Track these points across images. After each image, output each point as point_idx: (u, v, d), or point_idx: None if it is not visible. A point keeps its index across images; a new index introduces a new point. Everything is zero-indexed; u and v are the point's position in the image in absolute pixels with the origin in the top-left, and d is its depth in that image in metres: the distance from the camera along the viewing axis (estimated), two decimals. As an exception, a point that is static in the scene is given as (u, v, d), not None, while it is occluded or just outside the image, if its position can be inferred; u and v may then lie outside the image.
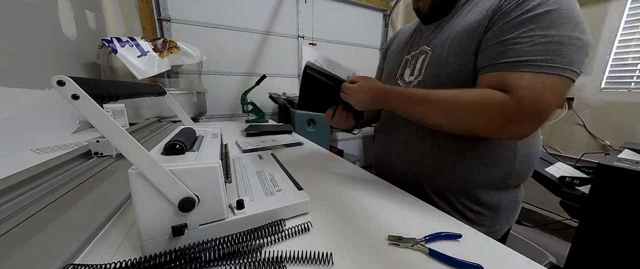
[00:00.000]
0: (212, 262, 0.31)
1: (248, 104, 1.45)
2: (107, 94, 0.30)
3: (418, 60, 0.58)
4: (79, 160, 0.62)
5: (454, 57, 0.50)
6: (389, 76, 0.68)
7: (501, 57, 0.42)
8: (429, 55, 0.56)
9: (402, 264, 0.32)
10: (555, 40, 0.39)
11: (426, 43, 0.58)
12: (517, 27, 0.41)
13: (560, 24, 0.39)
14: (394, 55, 0.69)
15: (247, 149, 0.83)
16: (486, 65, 0.44)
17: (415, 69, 0.58)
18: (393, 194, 0.53)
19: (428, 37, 0.58)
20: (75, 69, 1.11)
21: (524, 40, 0.40)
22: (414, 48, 0.62)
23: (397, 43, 0.72)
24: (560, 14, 0.39)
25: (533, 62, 0.39)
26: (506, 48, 0.42)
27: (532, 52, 0.39)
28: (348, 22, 2.43)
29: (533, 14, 0.40)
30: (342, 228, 0.40)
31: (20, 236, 0.33)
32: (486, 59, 0.45)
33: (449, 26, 0.53)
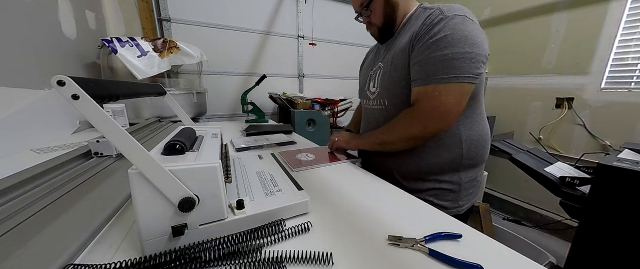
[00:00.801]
0: (212, 262, 0.31)
1: (248, 104, 1.45)
2: (107, 94, 0.30)
3: (377, 75, 0.73)
4: (79, 160, 0.62)
5: (396, 71, 0.64)
6: (361, 89, 0.85)
7: (419, 75, 0.59)
8: (381, 71, 0.71)
9: (402, 264, 0.32)
10: (449, 56, 0.54)
11: (381, 60, 0.73)
12: (426, 50, 0.57)
13: (453, 44, 0.54)
14: (364, 71, 0.86)
15: (240, 147, 0.83)
16: (413, 79, 0.61)
17: (375, 82, 0.73)
18: (393, 193, 0.53)
19: (382, 55, 0.74)
20: (75, 69, 1.11)
21: (430, 60, 0.56)
22: (375, 64, 0.76)
23: (367, 61, 0.89)
24: (453, 37, 0.54)
25: (434, 76, 0.56)
26: (421, 67, 0.58)
27: (435, 68, 0.56)
28: (348, 22, 2.42)
29: (434, 39, 0.55)
30: (342, 228, 0.40)
31: (20, 236, 0.33)
32: (413, 75, 0.61)
33: (393, 46, 0.68)
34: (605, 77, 1.53)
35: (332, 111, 1.94)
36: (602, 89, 1.55)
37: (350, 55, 2.50)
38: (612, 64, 1.51)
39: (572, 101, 1.67)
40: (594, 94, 1.58)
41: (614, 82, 1.52)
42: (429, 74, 0.56)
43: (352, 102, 2.05)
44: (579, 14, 1.60)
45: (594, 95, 1.58)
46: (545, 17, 1.73)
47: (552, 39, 1.71)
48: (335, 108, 1.95)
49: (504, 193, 1.97)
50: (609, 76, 1.53)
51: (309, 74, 2.37)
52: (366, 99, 0.80)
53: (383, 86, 0.70)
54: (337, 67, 2.49)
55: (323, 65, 2.42)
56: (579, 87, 1.63)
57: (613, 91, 1.52)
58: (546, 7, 1.71)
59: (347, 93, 2.20)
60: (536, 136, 1.82)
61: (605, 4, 1.49)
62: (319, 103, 1.88)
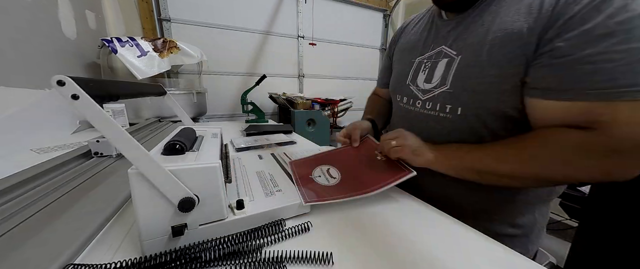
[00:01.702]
0: (212, 262, 0.31)
1: (248, 104, 1.45)
2: (107, 94, 0.30)
3: (438, 65, 0.49)
4: (79, 160, 0.62)
5: (495, 68, 0.40)
6: (399, 79, 0.58)
7: (589, 80, 0.32)
8: (456, 62, 0.46)
9: (403, 264, 0.32)
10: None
11: (446, 43, 0.48)
12: (605, 37, 0.31)
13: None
14: (404, 55, 0.59)
15: (240, 147, 0.83)
16: (563, 88, 0.34)
17: (433, 76, 0.49)
18: (393, 193, 0.53)
19: (448, 36, 0.48)
20: (75, 69, 1.11)
21: (618, 56, 0.30)
22: (429, 48, 0.52)
23: (405, 40, 0.62)
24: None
25: (635, 87, 0.30)
26: (596, 66, 0.32)
27: (631, 74, 0.30)
28: (348, 22, 2.43)
29: (622, 18, 0.30)
30: (342, 228, 0.40)
31: (20, 236, 0.33)
32: (562, 79, 0.34)
33: (480, 26, 0.43)
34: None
35: (332, 111, 1.94)
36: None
37: (350, 56, 2.51)
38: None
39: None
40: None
41: (614, 82, 1.52)
42: (618, 81, 0.31)
43: (352, 102, 2.05)
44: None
45: (594, 95, 1.58)
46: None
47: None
48: (335, 108, 1.96)
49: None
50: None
51: (309, 74, 2.37)
52: (408, 98, 0.55)
53: (461, 87, 0.45)
54: (337, 67, 2.49)
55: (323, 65, 2.42)
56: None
57: (613, 91, 1.51)
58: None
59: (347, 93, 2.20)
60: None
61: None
62: (319, 103, 1.88)
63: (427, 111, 0.51)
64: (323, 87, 2.45)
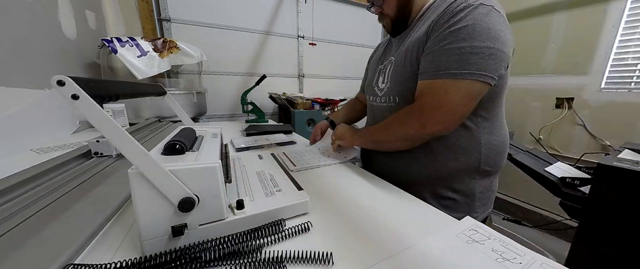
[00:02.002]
0: (212, 262, 0.31)
1: (248, 104, 1.45)
2: (107, 94, 0.30)
3: (387, 69, 0.67)
4: (79, 160, 0.62)
5: (409, 65, 0.58)
6: (368, 83, 0.78)
7: (427, 67, 0.52)
8: (392, 65, 0.65)
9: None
10: (466, 50, 0.47)
11: (393, 54, 0.67)
12: (441, 40, 0.50)
13: (473, 36, 0.47)
14: (373, 66, 0.79)
15: (240, 147, 0.83)
16: (421, 72, 0.54)
17: (385, 77, 0.67)
18: (393, 193, 0.53)
19: (394, 49, 0.68)
20: (75, 69, 1.11)
21: (444, 51, 0.49)
22: (385, 59, 0.71)
23: (376, 55, 0.82)
24: (474, 28, 0.47)
25: (445, 70, 0.49)
26: (432, 59, 0.51)
27: (447, 61, 0.49)
28: (348, 22, 2.43)
29: (453, 29, 0.48)
30: (342, 228, 0.40)
31: (20, 236, 0.33)
32: (422, 67, 0.54)
33: (408, 39, 0.62)
34: (605, 77, 1.54)
35: (332, 111, 1.94)
36: (602, 89, 1.55)
37: (350, 55, 2.50)
38: (612, 64, 1.51)
39: (572, 101, 1.67)
40: (594, 94, 1.58)
41: (614, 82, 1.52)
42: (439, 67, 0.50)
43: (352, 102, 2.04)
44: (579, 14, 1.60)
45: (594, 95, 1.58)
46: (545, 17, 1.73)
47: (552, 39, 1.71)
48: (336, 108, 1.95)
49: (503, 193, 1.97)
50: (609, 76, 1.53)
51: (309, 74, 2.36)
52: (373, 96, 0.73)
53: (394, 82, 0.63)
54: (337, 67, 2.49)
55: (323, 65, 2.41)
56: (579, 87, 1.63)
57: (613, 91, 1.52)
58: (546, 7, 1.71)
59: (347, 93, 2.20)
60: (536, 136, 1.82)
61: (605, 4, 1.49)
62: (319, 103, 1.88)
63: (382, 103, 0.69)
64: (323, 87, 2.45)
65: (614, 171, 0.73)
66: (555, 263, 0.31)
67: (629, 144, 1.01)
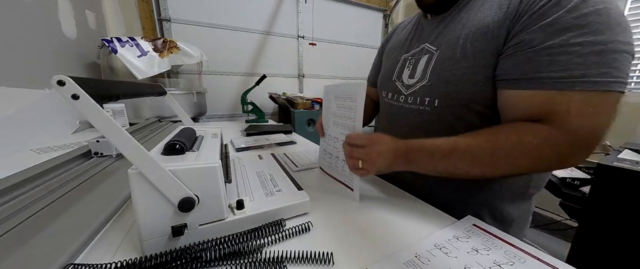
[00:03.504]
0: (213, 262, 0.31)
1: (248, 104, 1.45)
2: (107, 94, 0.30)
3: (420, 61, 0.51)
4: (79, 160, 0.62)
5: (468, 60, 0.42)
6: (385, 76, 0.61)
7: (547, 70, 0.34)
8: (434, 57, 0.48)
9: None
10: (610, 48, 0.32)
11: (429, 41, 0.51)
12: (563, 31, 0.33)
13: (611, 27, 0.32)
14: (392, 53, 0.62)
15: (240, 147, 0.83)
16: (524, 77, 0.36)
17: (416, 71, 0.52)
18: (393, 193, 0.53)
19: (431, 34, 0.51)
20: (75, 69, 1.11)
21: (574, 48, 0.33)
22: (414, 46, 0.55)
23: (395, 40, 0.65)
24: (610, 14, 0.32)
25: (587, 77, 0.32)
26: (553, 58, 0.34)
27: (585, 65, 0.32)
28: (348, 22, 2.43)
29: (580, 13, 0.32)
30: (342, 228, 0.40)
31: (20, 236, 0.33)
32: (524, 69, 0.36)
33: (458, 23, 0.46)
34: (605, 77, 1.53)
35: (332, 111, 1.94)
36: (602, 89, 1.55)
37: (350, 56, 2.50)
38: (612, 64, 1.51)
39: (572, 101, 1.67)
40: (594, 94, 1.58)
41: (614, 82, 1.52)
42: (573, 72, 0.33)
43: (352, 102, 2.04)
44: (579, 14, 1.60)
45: (594, 95, 1.58)
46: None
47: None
48: (335, 108, 1.95)
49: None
50: (609, 76, 1.53)
51: (309, 74, 2.37)
52: (393, 93, 0.57)
53: (438, 79, 0.47)
54: (337, 67, 2.49)
55: (323, 65, 2.42)
56: (579, 87, 1.63)
57: (613, 91, 1.52)
58: (546, 7, 1.71)
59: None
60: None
61: (605, 4, 1.49)
62: (319, 103, 1.88)
63: (408, 105, 0.53)
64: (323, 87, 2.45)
65: (614, 171, 0.73)
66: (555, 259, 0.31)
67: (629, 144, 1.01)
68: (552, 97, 0.35)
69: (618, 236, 0.74)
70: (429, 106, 0.49)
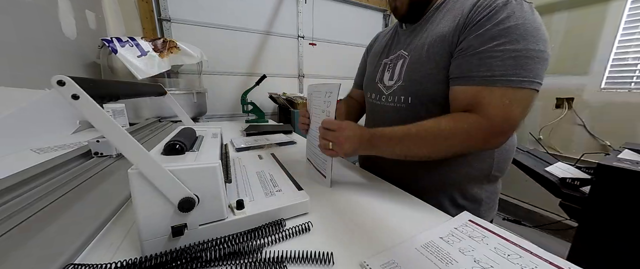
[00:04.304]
0: (213, 262, 0.31)
1: (248, 104, 1.45)
2: (107, 94, 0.30)
3: (397, 65, 0.60)
4: (79, 160, 0.62)
5: (431, 63, 0.52)
6: (370, 78, 0.70)
7: (477, 70, 0.45)
8: (407, 60, 0.57)
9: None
10: (523, 54, 0.42)
11: (404, 48, 0.60)
12: (490, 40, 0.43)
13: (526, 38, 0.42)
14: (374, 59, 0.70)
15: (240, 147, 0.83)
16: (462, 76, 0.47)
17: (394, 73, 0.60)
18: (393, 193, 0.53)
19: (405, 42, 0.60)
20: (75, 69, 1.11)
21: (496, 54, 0.43)
22: (393, 52, 0.63)
23: (377, 46, 0.73)
24: (526, 28, 0.42)
25: (504, 77, 0.43)
26: (482, 61, 0.44)
27: (503, 67, 0.42)
28: (348, 22, 2.43)
29: (504, 27, 0.42)
30: (342, 228, 0.40)
31: (20, 236, 0.33)
32: (462, 69, 0.47)
33: (424, 32, 0.55)
34: (605, 77, 1.53)
35: (332, 111, 1.94)
36: (602, 89, 1.55)
37: (350, 55, 2.50)
38: (612, 64, 1.51)
39: (572, 101, 1.67)
40: (594, 94, 1.58)
41: (614, 82, 1.52)
42: (494, 72, 0.43)
43: (352, 102, 2.04)
44: (579, 14, 1.60)
45: (594, 95, 1.58)
46: (545, 17, 1.73)
47: (552, 39, 1.71)
48: (335, 108, 1.95)
49: (504, 193, 1.97)
50: (609, 76, 1.53)
51: (309, 74, 2.37)
52: (376, 93, 0.65)
53: (408, 80, 0.56)
54: (337, 67, 2.49)
55: (323, 65, 2.42)
56: (579, 87, 1.63)
57: (613, 91, 1.51)
58: (546, 7, 1.71)
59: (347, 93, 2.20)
60: (536, 136, 1.82)
61: (605, 4, 1.49)
62: (319, 103, 1.88)
63: (388, 103, 0.62)
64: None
65: (614, 171, 0.73)
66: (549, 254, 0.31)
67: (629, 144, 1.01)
68: (480, 92, 0.45)
69: (618, 236, 0.74)
70: (405, 103, 0.58)
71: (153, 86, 0.54)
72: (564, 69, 1.67)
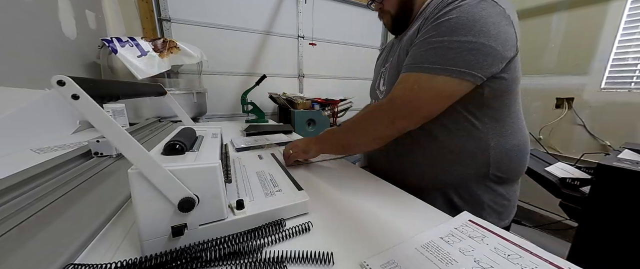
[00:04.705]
0: (213, 262, 0.31)
1: (248, 104, 1.45)
2: (107, 94, 0.30)
3: (387, 71, 0.65)
4: (79, 160, 0.62)
5: (401, 65, 0.54)
6: (372, 86, 0.76)
7: (407, 60, 0.50)
8: (389, 67, 0.63)
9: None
10: (445, 45, 0.44)
11: (392, 56, 0.64)
12: (425, 34, 0.48)
13: (454, 30, 0.44)
14: (378, 69, 0.76)
15: (240, 147, 0.83)
16: (404, 65, 0.52)
17: (385, 80, 0.65)
18: (393, 193, 0.53)
19: (394, 50, 0.65)
20: (75, 69, 1.11)
21: (423, 44, 0.47)
22: (387, 61, 0.68)
23: (381, 56, 0.79)
24: (458, 21, 0.44)
25: (420, 64, 0.47)
26: (413, 52, 0.49)
27: (424, 56, 0.46)
28: (348, 22, 2.43)
29: (438, 22, 0.46)
30: (342, 228, 0.40)
31: (20, 236, 0.33)
32: (402, 62, 0.52)
33: (402, 40, 0.59)
34: (605, 77, 1.53)
35: (332, 111, 1.94)
36: (602, 89, 1.55)
37: (350, 55, 2.50)
38: (612, 64, 1.51)
39: (572, 101, 1.67)
40: (594, 94, 1.58)
41: (614, 82, 1.52)
42: (415, 60, 0.47)
43: (352, 102, 2.05)
44: (579, 14, 1.60)
45: (594, 95, 1.58)
46: (545, 17, 1.73)
47: (552, 39, 1.71)
48: (335, 108, 1.95)
49: (504, 193, 1.97)
50: (609, 76, 1.53)
51: (309, 74, 2.37)
52: (375, 99, 0.71)
53: (389, 84, 0.60)
54: (337, 67, 2.49)
55: (323, 65, 2.42)
56: (579, 87, 1.63)
57: (613, 91, 1.51)
58: (546, 7, 1.71)
59: (347, 93, 2.20)
60: (536, 136, 1.82)
61: (605, 4, 1.49)
62: (319, 103, 1.88)
63: None
64: (323, 87, 2.45)
65: (614, 171, 0.73)
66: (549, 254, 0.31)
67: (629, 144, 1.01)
68: (402, 77, 0.50)
69: (618, 236, 0.74)
70: None
71: (153, 86, 0.54)
72: (564, 69, 1.67)
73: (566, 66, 1.67)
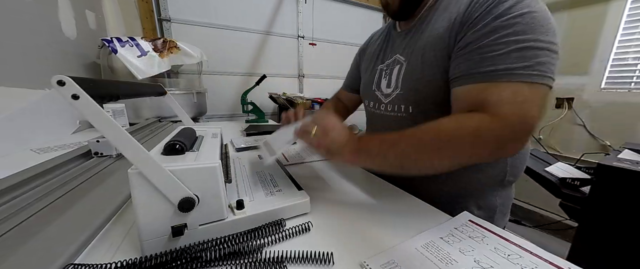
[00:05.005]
0: (213, 262, 0.31)
1: (248, 104, 1.45)
2: (107, 94, 0.30)
3: (394, 71, 0.56)
4: (79, 160, 0.62)
5: (430, 68, 0.47)
6: (367, 86, 0.65)
7: (478, 67, 0.39)
8: (404, 67, 0.53)
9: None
10: (531, 45, 0.36)
11: (399, 52, 0.56)
12: (491, 33, 0.38)
13: (536, 29, 0.36)
14: (370, 64, 0.66)
15: (240, 147, 0.83)
16: (462, 75, 0.41)
17: (391, 81, 0.56)
18: (393, 193, 0.53)
19: (400, 46, 0.56)
20: (75, 69, 1.11)
21: (499, 46, 0.37)
22: (388, 56, 0.59)
23: (370, 50, 0.69)
24: (534, 17, 0.36)
25: (511, 71, 0.36)
26: (482, 56, 0.38)
27: (509, 59, 0.36)
28: (348, 22, 2.43)
29: (505, 18, 0.37)
30: (342, 228, 0.40)
31: (20, 236, 0.33)
32: (462, 68, 0.41)
33: (421, 34, 0.51)
34: (605, 77, 1.54)
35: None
36: (602, 89, 1.55)
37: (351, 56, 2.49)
38: (612, 64, 1.51)
39: (572, 101, 1.67)
40: (594, 94, 1.58)
41: (614, 82, 1.52)
42: (497, 66, 0.37)
43: (352, 102, 2.05)
44: (579, 14, 1.60)
45: (594, 95, 1.58)
46: (545, 17, 1.73)
47: (552, 39, 1.71)
48: (335, 108, 1.95)
49: (504, 193, 1.97)
50: (609, 76, 1.53)
51: (309, 74, 2.36)
52: (374, 101, 0.62)
53: (408, 88, 0.52)
54: (337, 67, 2.49)
55: (323, 65, 2.41)
56: (579, 87, 1.63)
57: (613, 91, 1.52)
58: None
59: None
60: (536, 136, 1.82)
61: (605, 4, 1.49)
62: (319, 103, 1.88)
63: (388, 112, 0.58)
64: (323, 87, 2.45)
65: (614, 171, 0.73)
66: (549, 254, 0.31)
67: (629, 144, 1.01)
68: (485, 89, 0.38)
69: (618, 236, 0.74)
70: (405, 113, 0.54)
71: (153, 86, 0.54)
72: (564, 69, 1.67)
73: (566, 66, 1.67)
